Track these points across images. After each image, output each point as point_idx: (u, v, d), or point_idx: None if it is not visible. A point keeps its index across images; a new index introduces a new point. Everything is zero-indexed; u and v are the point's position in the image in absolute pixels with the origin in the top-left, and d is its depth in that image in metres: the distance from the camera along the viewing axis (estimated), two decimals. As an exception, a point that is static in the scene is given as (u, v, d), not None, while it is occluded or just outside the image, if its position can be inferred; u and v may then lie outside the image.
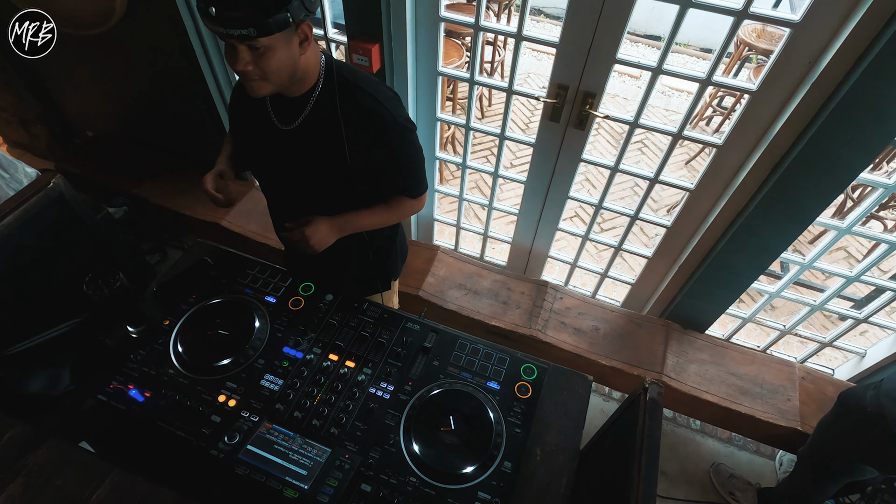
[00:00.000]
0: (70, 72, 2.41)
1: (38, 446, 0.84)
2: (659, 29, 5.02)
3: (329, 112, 1.08)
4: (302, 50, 0.98)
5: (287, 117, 1.12)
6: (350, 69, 1.11)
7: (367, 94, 1.08)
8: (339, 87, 1.07)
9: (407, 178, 1.23)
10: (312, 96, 1.08)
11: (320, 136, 1.11)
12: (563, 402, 1.20)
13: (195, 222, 2.43)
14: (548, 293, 2.22)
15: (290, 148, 1.15)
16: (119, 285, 1.16)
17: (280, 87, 1.03)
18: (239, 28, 0.87)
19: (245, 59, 0.92)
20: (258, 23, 0.87)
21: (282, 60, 0.95)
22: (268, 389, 1.11)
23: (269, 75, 0.96)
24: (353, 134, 1.09)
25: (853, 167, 1.39)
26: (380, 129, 1.09)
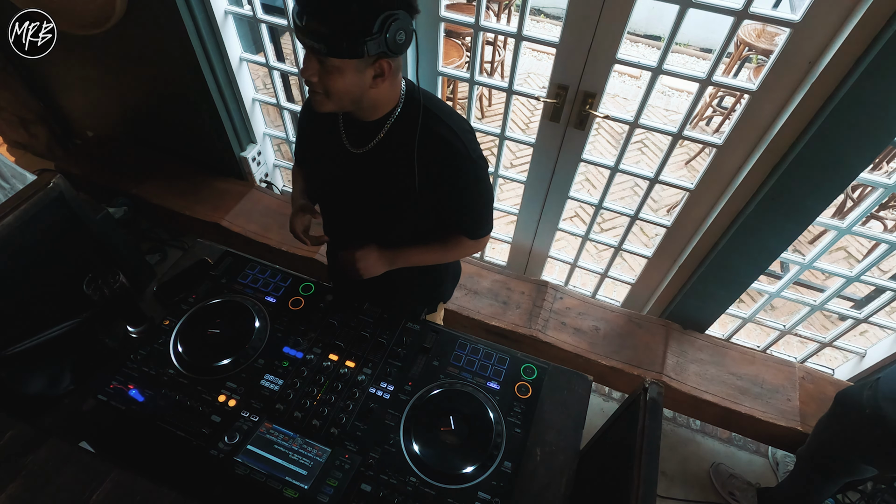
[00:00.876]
0: (70, 72, 2.41)
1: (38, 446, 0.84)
2: (659, 29, 5.02)
3: (403, 138, 1.05)
4: (374, 84, 0.95)
5: (359, 140, 1.10)
6: (432, 99, 1.09)
7: (444, 124, 1.05)
8: (422, 115, 1.03)
9: (471, 217, 1.19)
10: (388, 122, 1.05)
11: (391, 161, 1.08)
12: (563, 402, 1.20)
13: (195, 222, 2.43)
14: (548, 293, 2.22)
15: (359, 171, 1.12)
16: (119, 285, 1.16)
17: (342, 109, 1.01)
18: (312, 40, 0.87)
19: (312, 69, 0.91)
20: (331, 42, 0.86)
21: (347, 85, 0.93)
22: (268, 389, 1.11)
23: (331, 94, 0.95)
24: (426, 162, 1.05)
25: (853, 167, 1.39)
26: (452, 160, 1.06)
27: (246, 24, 2.24)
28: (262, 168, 2.61)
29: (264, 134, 2.53)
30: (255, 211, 2.45)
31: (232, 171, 2.54)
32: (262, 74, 3.77)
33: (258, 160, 2.54)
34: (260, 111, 2.46)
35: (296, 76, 2.12)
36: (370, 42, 0.86)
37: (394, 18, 0.86)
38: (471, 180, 1.10)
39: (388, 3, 0.85)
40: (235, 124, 2.34)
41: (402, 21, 0.87)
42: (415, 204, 1.11)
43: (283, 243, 2.33)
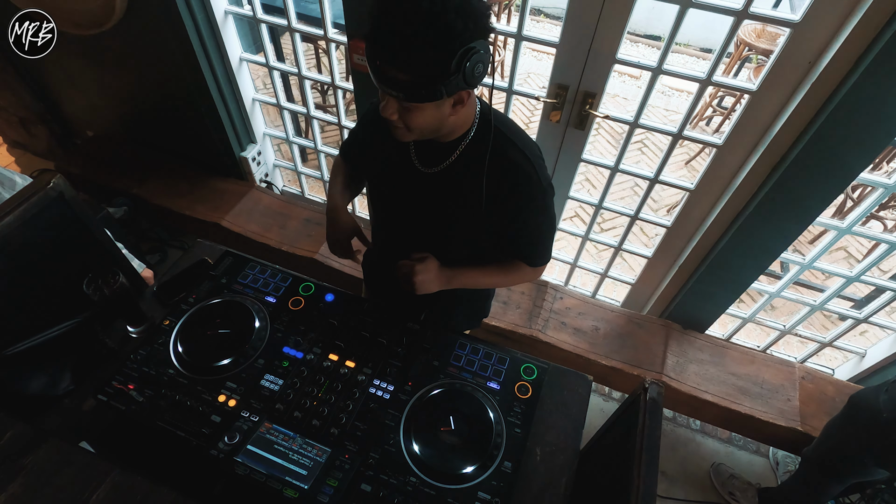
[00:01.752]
0: (70, 72, 2.41)
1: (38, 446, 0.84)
2: (659, 29, 5.02)
3: (475, 160, 1.03)
4: (454, 112, 0.94)
5: (431, 161, 1.08)
6: (505, 122, 1.07)
7: (517, 148, 1.03)
8: (494, 137, 1.01)
9: (533, 244, 1.17)
10: (462, 143, 1.03)
11: (461, 182, 1.06)
12: (563, 402, 1.20)
13: (195, 222, 2.43)
14: (548, 293, 2.22)
15: (428, 191, 1.10)
16: (119, 285, 1.16)
17: (423, 137, 1.00)
18: (391, 88, 0.85)
19: (392, 109, 0.90)
20: (409, 90, 0.84)
21: (429, 119, 0.92)
22: (268, 389, 1.11)
23: (414, 129, 0.94)
24: (495, 185, 1.04)
25: (853, 167, 1.40)
26: (522, 185, 1.04)
27: (246, 24, 2.25)
28: (262, 168, 2.61)
29: (264, 134, 2.53)
30: (255, 211, 2.45)
31: (232, 171, 2.55)
32: (262, 74, 3.77)
33: (258, 160, 2.55)
34: (260, 111, 2.46)
35: (295, 76, 2.12)
36: (448, 83, 0.83)
37: (472, 52, 0.82)
38: (538, 207, 1.08)
39: (466, 37, 0.81)
40: (235, 124, 2.34)
41: (480, 52, 0.83)
42: (480, 226, 1.10)
43: (282, 243, 2.33)
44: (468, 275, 1.21)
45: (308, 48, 3.65)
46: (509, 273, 1.24)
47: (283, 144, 3.22)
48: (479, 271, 1.22)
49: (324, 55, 3.26)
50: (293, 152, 2.53)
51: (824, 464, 1.69)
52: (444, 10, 0.77)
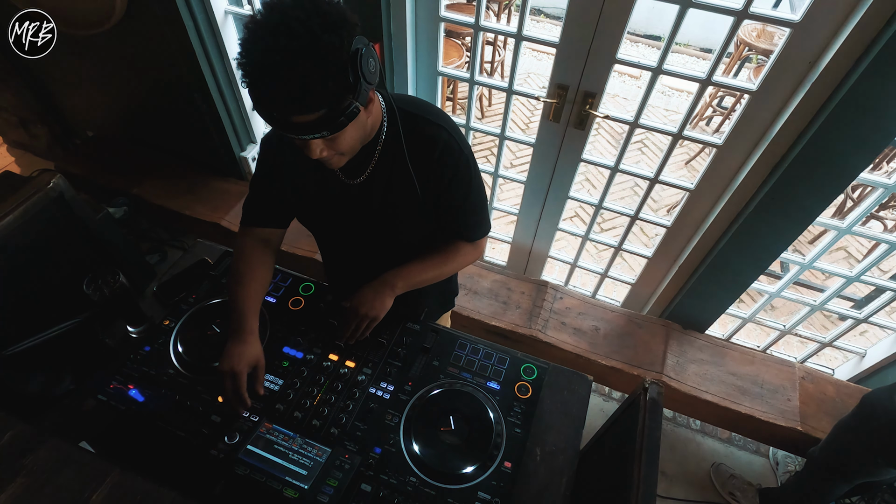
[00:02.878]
0: (70, 72, 2.40)
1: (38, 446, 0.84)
2: (659, 29, 5.02)
3: (396, 152, 1.02)
4: (368, 112, 0.91)
5: (354, 171, 1.05)
6: (409, 101, 1.04)
7: (429, 122, 1.01)
8: (402, 121, 1.00)
9: (468, 215, 1.13)
10: (378, 144, 1.01)
11: (391, 178, 1.04)
12: (563, 402, 1.20)
13: (195, 222, 2.43)
14: (548, 293, 2.22)
15: (362, 201, 1.08)
16: (119, 285, 1.16)
17: (354, 153, 0.97)
18: (311, 133, 0.82)
19: (318, 148, 0.87)
20: (329, 124, 0.81)
21: (355, 135, 0.90)
22: (268, 389, 1.11)
23: (346, 151, 0.92)
24: (421, 165, 1.02)
25: (853, 167, 1.39)
26: (445, 155, 1.01)
27: (246, 24, 2.24)
28: (262, 168, 2.60)
29: (264, 134, 2.53)
30: (255, 211, 2.45)
31: (232, 171, 2.54)
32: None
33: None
34: (260, 111, 2.45)
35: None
36: (358, 95, 0.82)
37: (359, 54, 0.79)
38: (465, 174, 1.05)
39: (346, 45, 0.78)
40: (235, 124, 2.34)
41: (364, 48, 0.81)
42: (421, 213, 1.08)
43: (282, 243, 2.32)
44: (413, 272, 1.16)
45: (308, 48, 3.65)
46: (452, 257, 1.19)
47: (283, 144, 3.22)
48: (422, 265, 1.17)
49: (324, 55, 3.25)
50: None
51: (833, 464, 1.69)
52: (315, 35, 0.75)
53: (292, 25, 0.75)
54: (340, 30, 0.78)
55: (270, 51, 0.75)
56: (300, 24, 0.75)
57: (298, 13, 0.76)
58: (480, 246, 1.23)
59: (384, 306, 1.14)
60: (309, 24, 0.75)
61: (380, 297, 1.13)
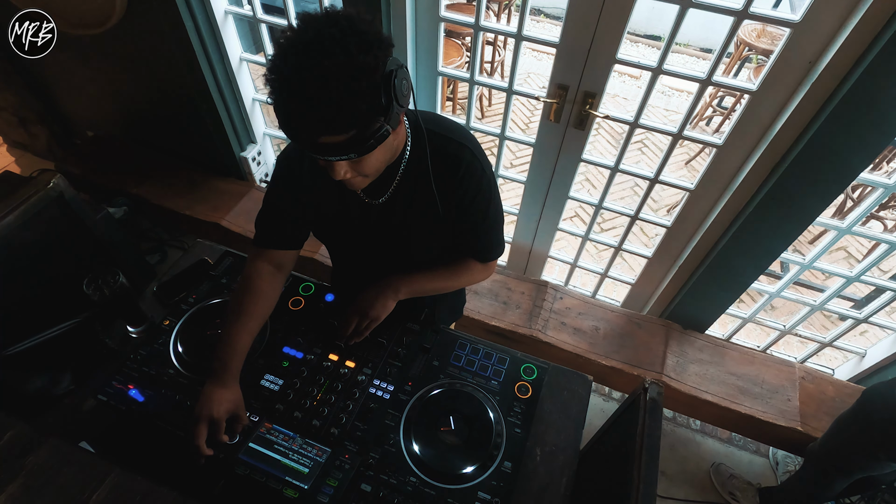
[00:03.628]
0: (70, 72, 2.40)
1: (38, 446, 0.84)
2: (659, 29, 5.02)
3: (419, 171, 1.00)
4: (394, 135, 0.88)
5: (377, 190, 1.03)
6: (434, 120, 1.02)
7: (454, 141, 0.99)
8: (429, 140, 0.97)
9: (483, 236, 1.12)
10: (402, 163, 0.99)
11: (413, 198, 1.03)
12: (563, 402, 1.20)
13: (195, 222, 2.43)
14: (548, 293, 2.22)
15: (381, 219, 1.07)
16: (119, 285, 1.16)
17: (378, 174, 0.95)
18: (339, 155, 0.79)
19: (343, 170, 0.84)
20: (357, 147, 0.79)
21: (381, 158, 0.88)
22: (268, 389, 1.11)
23: (370, 174, 0.90)
24: (444, 184, 1.00)
25: (853, 167, 1.40)
26: (467, 175, 1.00)
27: (246, 24, 2.24)
28: (262, 168, 2.61)
29: (264, 134, 2.53)
30: (255, 211, 2.41)
31: (232, 171, 2.55)
32: (262, 74, 3.77)
33: (258, 160, 2.55)
34: (260, 111, 2.46)
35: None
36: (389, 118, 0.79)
37: (392, 75, 0.76)
38: (486, 199, 1.05)
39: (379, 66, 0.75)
40: (235, 124, 2.34)
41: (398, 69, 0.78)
42: (439, 232, 1.08)
43: (283, 243, 2.32)
44: (419, 281, 1.17)
45: (308, 48, 3.65)
46: (459, 274, 1.19)
47: (283, 144, 3.22)
48: (430, 275, 1.17)
49: (324, 55, 3.25)
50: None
51: (833, 459, 1.69)
52: (350, 55, 0.72)
53: (326, 44, 0.72)
54: (376, 50, 0.75)
55: (302, 69, 0.72)
56: (335, 42, 0.72)
57: (334, 31, 0.73)
58: (491, 266, 1.22)
59: (385, 308, 1.14)
60: (344, 43, 0.72)
61: (382, 298, 1.14)
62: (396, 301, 1.15)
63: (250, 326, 1.06)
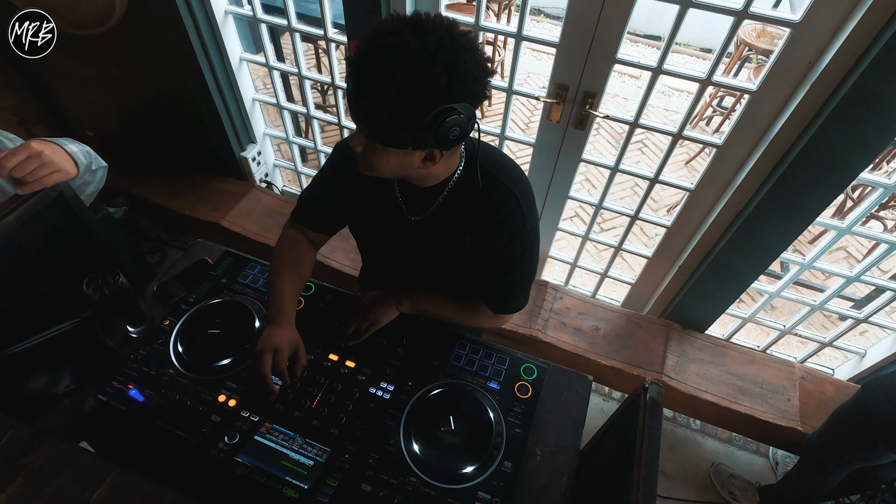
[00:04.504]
0: (70, 72, 2.40)
1: (38, 446, 0.84)
2: (659, 29, 5.02)
3: (461, 202, 1.00)
4: (423, 166, 0.88)
5: (417, 207, 1.04)
6: (493, 158, 1.01)
7: (505, 187, 0.98)
8: (480, 177, 0.96)
9: (505, 286, 1.10)
10: (447, 188, 0.99)
11: (447, 225, 1.03)
12: (563, 402, 1.20)
13: (195, 222, 2.43)
14: (548, 293, 2.22)
15: (415, 236, 1.07)
16: (119, 285, 1.16)
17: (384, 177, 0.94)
18: (359, 119, 0.81)
19: (359, 140, 0.85)
20: (372, 127, 0.80)
21: (393, 166, 0.87)
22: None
23: (375, 168, 0.89)
24: (481, 225, 1.00)
25: (853, 167, 1.40)
26: (509, 230, 0.99)
27: (246, 24, 2.24)
28: (262, 168, 2.61)
29: (264, 134, 2.53)
30: (255, 211, 2.45)
31: (232, 171, 2.55)
32: (262, 74, 3.77)
33: (258, 160, 2.55)
34: (260, 111, 2.46)
35: (296, 76, 2.12)
36: (415, 136, 0.78)
37: (450, 113, 0.76)
38: (519, 253, 1.03)
39: (446, 95, 0.75)
40: (235, 124, 2.34)
41: (460, 116, 0.77)
42: (464, 265, 1.07)
43: (283, 243, 2.32)
44: (425, 301, 1.18)
45: (308, 48, 3.65)
46: (468, 311, 1.17)
47: (283, 144, 3.22)
48: (438, 300, 1.17)
49: (324, 55, 3.26)
50: (293, 152, 2.53)
51: (831, 450, 1.69)
52: (433, 61, 0.73)
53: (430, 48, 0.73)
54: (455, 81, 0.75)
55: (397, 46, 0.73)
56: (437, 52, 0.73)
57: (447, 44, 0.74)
58: (503, 318, 1.20)
59: (387, 313, 1.15)
60: (443, 59, 0.73)
61: (384, 304, 1.15)
62: (399, 310, 1.16)
63: (296, 280, 1.13)
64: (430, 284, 1.18)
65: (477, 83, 0.79)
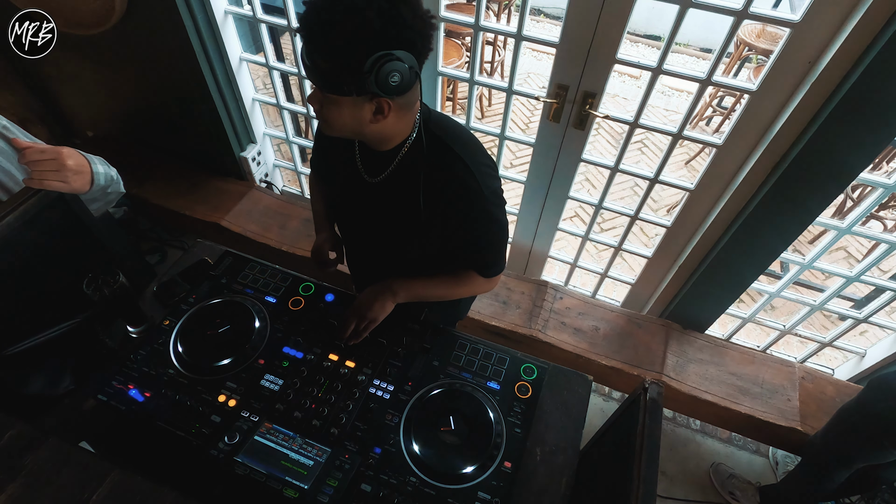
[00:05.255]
0: (70, 72, 2.40)
1: (38, 446, 0.84)
2: (659, 29, 5.02)
3: (413, 169, 1.03)
4: (374, 120, 0.92)
5: (374, 169, 1.08)
6: (445, 125, 1.05)
7: (457, 156, 1.01)
8: (427, 144, 1.01)
9: (482, 254, 1.15)
10: (400, 153, 1.03)
11: (402, 191, 1.06)
12: (563, 402, 1.20)
13: (195, 222, 2.43)
14: (548, 293, 2.22)
15: (373, 200, 1.12)
16: (119, 285, 1.16)
17: (344, 136, 0.99)
18: (308, 73, 0.86)
19: (315, 98, 0.92)
20: (322, 78, 0.86)
21: (345, 119, 0.92)
22: (268, 389, 1.11)
23: (331, 125, 0.95)
24: (433, 196, 1.03)
25: (853, 167, 1.39)
26: (461, 195, 1.02)
27: (246, 24, 2.24)
28: (262, 168, 2.61)
29: (264, 134, 2.53)
30: (255, 211, 2.45)
31: (232, 171, 2.54)
32: (262, 74, 3.77)
33: (258, 160, 2.55)
34: (260, 111, 2.46)
35: (296, 76, 2.13)
36: (359, 82, 0.83)
37: (387, 59, 0.80)
38: (481, 216, 1.05)
39: (383, 40, 0.80)
40: (235, 124, 2.34)
41: (399, 62, 0.82)
42: (423, 235, 1.09)
43: (283, 243, 2.33)
44: (418, 286, 1.19)
45: (308, 48, 3.65)
46: (463, 283, 1.21)
47: (283, 144, 3.22)
48: (432, 282, 1.20)
49: (324, 55, 3.25)
50: (293, 152, 2.53)
51: (834, 449, 1.69)
52: (368, 6, 0.77)
53: None
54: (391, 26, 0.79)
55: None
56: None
57: None
58: (493, 280, 1.23)
59: (383, 310, 1.15)
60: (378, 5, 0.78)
61: (380, 300, 1.15)
62: (395, 303, 1.17)
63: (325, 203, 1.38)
64: (390, 255, 1.20)
65: (413, 31, 0.82)
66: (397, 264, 1.20)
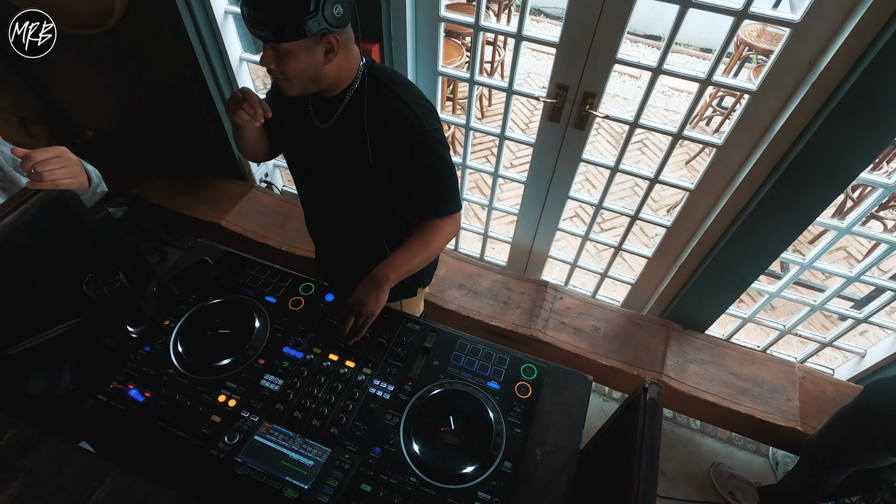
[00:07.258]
0: (70, 72, 2.40)
1: (38, 446, 0.84)
2: (659, 29, 5.02)
3: (359, 112, 1.10)
4: (327, 59, 1.00)
5: (324, 115, 1.14)
6: (387, 72, 1.12)
7: (397, 96, 1.08)
8: (370, 87, 1.08)
9: (432, 192, 1.18)
10: (347, 95, 1.10)
11: (349, 134, 1.12)
12: (563, 402, 1.20)
13: (195, 222, 2.43)
14: (548, 293, 2.22)
15: (324, 146, 1.17)
16: (119, 285, 1.16)
17: (306, 90, 1.06)
18: (259, 30, 0.93)
19: (269, 58, 0.97)
20: (275, 29, 0.92)
21: (303, 66, 0.99)
22: (268, 389, 1.11)
23: (291, 78, 1.00)
24: (378, 135, 1.09)
25: (853, 167, 1.40)
26: (405, 133, 1.08)
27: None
28: (262, 168, 2.61)
29: (264, 134, 2.52)
30: (255, 211, 2.45)
31: (232, 171, 2.55)
32: (262, 74, 3.77)
33: (258, 160, 2.54)
34: (260, 111, 2.45)
35: (296, 76, 2.12)
36: (310, 21, 0.91)
37: None
38: (426, 153, 1.11)
39: None
40: (235, 124, 2.34)
41: None
42: (372, 178, 1.14)
43: (282, 243, 2.33)
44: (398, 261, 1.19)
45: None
46: (429, 236, 1.21)
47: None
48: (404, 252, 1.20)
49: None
50: None
51: (831, 451, 1.69)
52: None
53: None
54: None
55: None
56: None
57: None
58: (456, 219, 1.25)
59: (378, 302, 1.15)
60: None
61: (373, 294, 1.15)
62: (388, 292, 1.17)
63: None
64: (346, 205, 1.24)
65: None
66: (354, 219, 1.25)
